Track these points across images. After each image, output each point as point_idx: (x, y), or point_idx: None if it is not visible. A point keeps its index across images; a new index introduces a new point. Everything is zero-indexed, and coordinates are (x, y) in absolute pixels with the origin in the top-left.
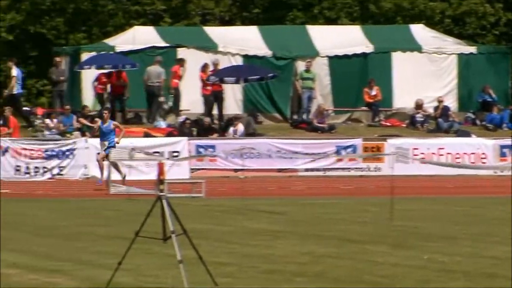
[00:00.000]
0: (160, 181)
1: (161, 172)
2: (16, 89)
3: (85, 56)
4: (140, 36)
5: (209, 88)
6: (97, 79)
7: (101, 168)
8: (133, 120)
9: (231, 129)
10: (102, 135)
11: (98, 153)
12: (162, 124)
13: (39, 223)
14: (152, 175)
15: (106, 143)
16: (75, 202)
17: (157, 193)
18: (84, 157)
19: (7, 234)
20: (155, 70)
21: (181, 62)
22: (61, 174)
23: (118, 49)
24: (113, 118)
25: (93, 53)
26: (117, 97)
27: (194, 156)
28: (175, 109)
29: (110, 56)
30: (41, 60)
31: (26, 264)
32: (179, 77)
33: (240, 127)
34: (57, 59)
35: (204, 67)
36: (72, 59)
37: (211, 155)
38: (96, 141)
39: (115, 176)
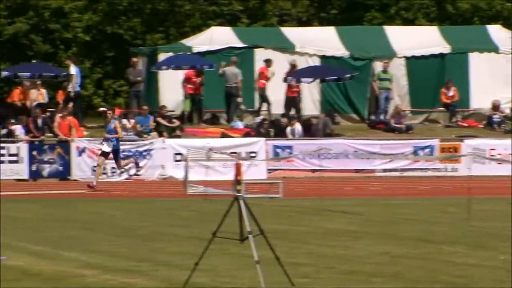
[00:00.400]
0: (237, 181)
1: (238, 172)
2: (74, 88)
3: (162, 56)
4: (217, 37)
5: (295, 89)
6: (186, 79)
7: (98, 174)
8: (210, 121)
9: (289, 128)
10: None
11: (101, 153)
12: (239, 124)
13: (116, 223)
14: (229, 176)
15: (111, 144)
16: (152, 202)
17: (235, 194)
18: (161, 157)
19: (83, 234)
20: (232, 70)
21: (268, 63)
22: (138, 175)
23: (195, 50)
24: (191, 119)
25: (170, 54)
26: (197, 98)
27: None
28: (263, 110)
29: (187, 57)
30: (118, 61)
31: (102, 264)
32: (266, 78)
33: (298, 127)
34: (134, 59)
35: (292, 68)
36: (149, 59)
37: (288, 156)
38: (173, 141)
39: (193, 176)
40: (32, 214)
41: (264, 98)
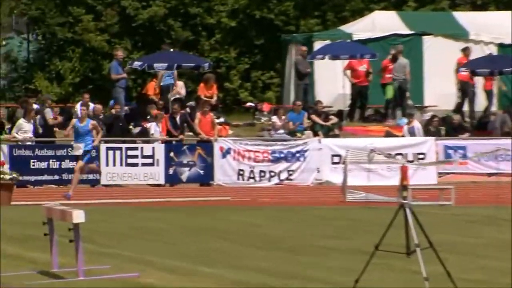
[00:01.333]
0: (403, 187)
1: (404, 177)
2: (163, 80)
3: (318, 44)
4: (380, 22)
5: (490, 82)
6: (385, 68)
7: (75, 180)
8: (373, 118)
9: (405, 127)
10: (77, 135)
11: (77, 159)
12: (406, 122)
13: (263, 234)
14: (394, 180)
15: (82, 145)
16: (306, 210)
17: (400, 201)
18: (316, 160)
19: (226, 246)
20: (399, 61)
21: (466, 51)
22: (290, 179)
23: (355, 37)
24: (351, 116)
25: (327, 42)
26: (360, 90)
27: (441, 162)
28: (432, 106)
29: (346, 45)
30: (268, 49)
31: (247, 281)
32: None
33: (416, 124)
34: (303, 48)
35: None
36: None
37: (459, 159)
38: (330, 141)
39: (352, 181)
40: (169, 224)
41: (465, 93)
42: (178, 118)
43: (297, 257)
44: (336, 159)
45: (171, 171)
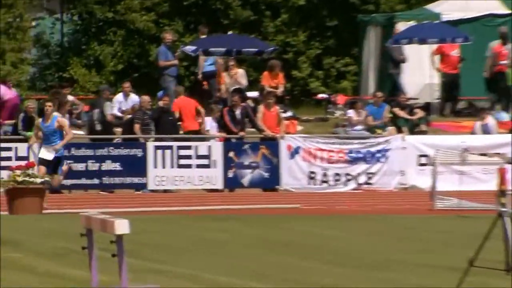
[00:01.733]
0: (501, 192)
1: (502, 180)
2: (203, 68)
3: (401, 26)
4: (473, 0)
5: None
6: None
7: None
8: (465, 112)
9: (478, 124)
10: (44, 137)
11: (40, 161)
12: (505, 116)
13: (337, 247)
14: (491, 184)
15: (51, 149)
16: (388, 220)
17: (498, 209)
18: (400, 161)
19: (293, 261)
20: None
21: None
22: (370, 183)
23: (444, 18)
24: (441, 109)
25: (412, 23)
26: (451, 80)
27: None
28: None
29: (434, 27)
30: (342, 32)
31: None
32: None
33: (490, 121)
34: (398, 29)
35: None
36: (384, 30)
37: None
38: (416, 139)
39: (443, 185)
40: (227, 235)
41: None
42: (238, 112)
43: (378, 274)
44: (423, 160)
45: (230, 174)
